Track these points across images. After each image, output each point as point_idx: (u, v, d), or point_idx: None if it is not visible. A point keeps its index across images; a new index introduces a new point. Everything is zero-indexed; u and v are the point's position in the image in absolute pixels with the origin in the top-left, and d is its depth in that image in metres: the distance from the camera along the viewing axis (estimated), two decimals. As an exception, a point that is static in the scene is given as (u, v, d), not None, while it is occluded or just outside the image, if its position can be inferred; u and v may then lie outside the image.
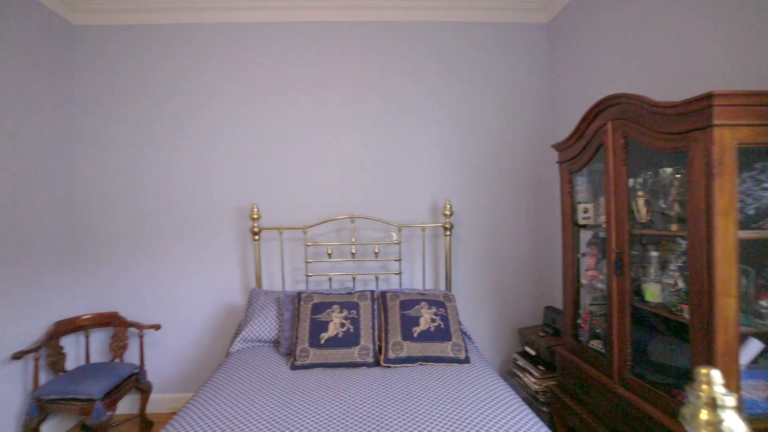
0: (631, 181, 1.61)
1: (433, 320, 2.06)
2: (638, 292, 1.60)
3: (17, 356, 2.14)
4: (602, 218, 1.82)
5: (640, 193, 1.58)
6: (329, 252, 2.57)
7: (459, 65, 2.75)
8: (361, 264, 2.70)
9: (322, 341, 1.96)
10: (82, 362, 2.63)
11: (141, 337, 2.59)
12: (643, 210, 1.57)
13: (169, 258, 2.73)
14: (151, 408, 2.70)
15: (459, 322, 2.15)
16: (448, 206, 2.56)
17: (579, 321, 1.99)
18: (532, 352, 2.40)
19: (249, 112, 2.72)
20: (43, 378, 2.36)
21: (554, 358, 2.17)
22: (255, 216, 2.55)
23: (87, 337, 2.57)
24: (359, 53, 2.72)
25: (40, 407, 2.15)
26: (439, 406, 1.56)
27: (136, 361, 2.69)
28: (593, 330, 1.92)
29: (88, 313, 2.63)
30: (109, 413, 2.18)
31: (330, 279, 2.58)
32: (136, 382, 2.47)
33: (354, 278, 2.59)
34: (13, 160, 2.25)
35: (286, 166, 2.73)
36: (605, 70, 2.23)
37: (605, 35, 2.21)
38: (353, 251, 2.58)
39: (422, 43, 2.74)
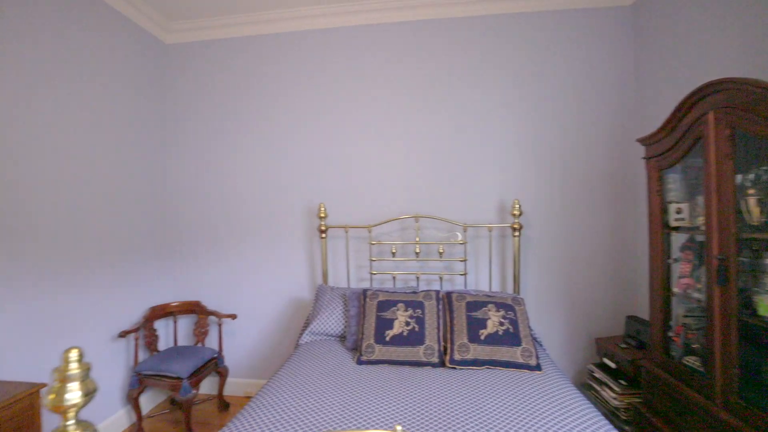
0: (738, 178, 1.41)
1: (501, 323, 1.99)
2: (748, 305, 1.40)
3: (122, 335, 2.44)
4: (700, 219, 1.63)
5: (751, 191, 1.38)
6: (393, 251, 2.59)
7: (529, 57, 2.63)
8: (425, 264, 2.69)
9: (388, 338, 1.98)
10: (171, 344, 2.93)
11: (220, 325, 2.81)
12: (755, 210, 1.37)
13: (244, 254, 2.94)
14: (227, 390, 2.92)
15: (529, 327, 2.04)
16: (517, 206, 2.45)
17: (670, 334, 1.79)
18: (612, 365, 2.21)
19: (317, 117, 2.83)
20: (141, 355, 2.67)
21: (638, 373, 1.98)
22: (322, 215, 2.65)
23: (175, 322, 2.85)
24: (424, 52, 2.71)
25: (139, 380, 2.43)
26: (509, 412, 1.49)
27: (215, 347, 2.93)
28: (688, 345, 1.71)
29: (176, 301, 2.91)
30: (194, 391, 2.39)
31: (394, 278, 2.59)
32: (215, 365, 2.68)
33: (418, 278, 2.58)
34: (117, 168, 2.56)
35: (352, 167, 2.80)
36: (702, 54, 1.98)
37: (702, 11, 1.97)
38: (417, 251, 2.57)
39: (488, 37, 2.65)
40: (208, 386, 2.97)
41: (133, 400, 2.44)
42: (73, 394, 0.84)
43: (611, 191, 2.58)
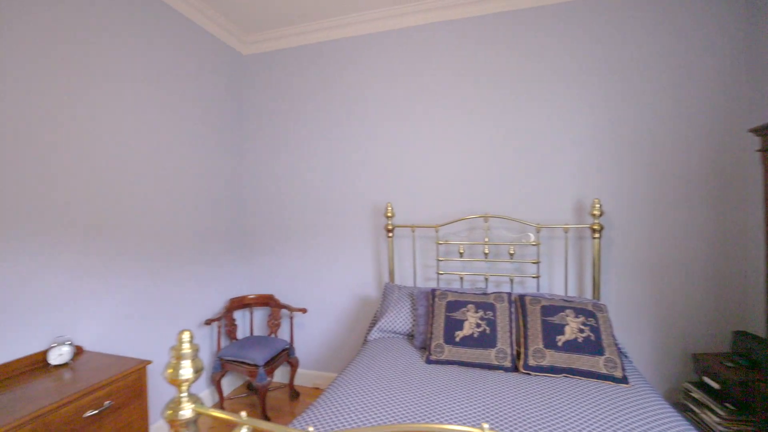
0: None
1: (581, 330, 1.85)
2: None
3: (207, 322, 2.67)
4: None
5: None
6: (461, 251, 2.53)
7: (612, 44, 2.42)
8: (494, 265, 2.59)
9: (457, 339, 1.94)
10: (248, 333, 3.14)
11: (291, 318, 2.96)
12: None
13: (314, 251, 3.07)
14: (297, 380, 3.07)
15: (613, 336, 1.88)
16: (597, 205, 2.27)
17: (794, 353, 1.54)
18: (715, 385, 1.95)
19: (385, 117, 2.87)
20: (223, 342, 2.90)
21: (751, 397, 1.72)
22: (389, 214, 2.68)
23: (251, 313, 3.05)
24: (492, 45, 2.63)
25: (222, 365, 2.63)
26: (592, 424, 1.38)
27: (287, 338, 3.09)
28: (819, 367, 1.46)
29: (252, 294, 3.12)
30: (269, 379, 2.54)
31: (461, 278, 2.54)
32: (287, 356, 2.82)
33: (486, 279, 2.50)
34: (200, 171, 2.81)
35: (420, 166, 2.79)
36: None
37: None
38: (486, 251, 2.49)
39: (562, 26, 2.49)
40: (279, 375, 3.14)
41: (216, 383, 2.65)
42: (186, 370, 0.93)
43: (712, 188, 2.28)
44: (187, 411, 0.94)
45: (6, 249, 1.67)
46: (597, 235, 2.29)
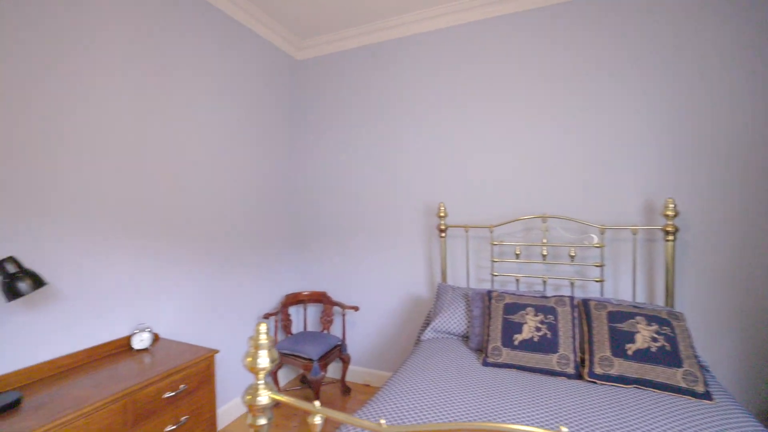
0: None
1: (654, 339, 1.72)
2: None
3: (266, 316, 2.80)
4: None
5: None
6: (517, 252, 2.46)
7: (686, 29, 2.23)
8: (552, 267, 2.49)
9: (516, 342, 1.88)
10: (301, 329, 3.26)
11: (343, 315, 3.02)
12: None
13: (366, 250, 3.11)
14: (348, 377, 3.12)
15: (692, 347, 1.73)
16: (672, 205, 2.10)
17: None
18: (815, 407, 1.73)
19: (437, 115, 2.85)
20: (279, 336, 3.02)
21: None
22: (442, 214, 2.66)
23: (305, 309, 3.16)
24: (551, 40, 2.52)
25: (278, 357, 2.75)
26: (674, 443, 1.28)
27: (339, 335, 3.16)
28: None
29: (306, 291, 3.23)
30: (323, 373, 2.61)
31: (517, 280, 2.46)
32: (340, 352, 2.89)
33: (545, 281, 2.40)
34: (256, 173, 2.95)
35: (473, 165, 2.74)
36: None
37: None
38: (544, 253, 2.40)
39: (631, 15, 2.34)
40: (331, 371, 3.22)
41: (272, 374, 2.77)
42: (263, 359, 0.98)
43: (811, 187, 2.03)
44: (264, 397, 0.99)
45: (99, 245, 1.86)
46: (671, 237, 2.12)
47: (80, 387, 1.54)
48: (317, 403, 0.94)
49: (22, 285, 1.42)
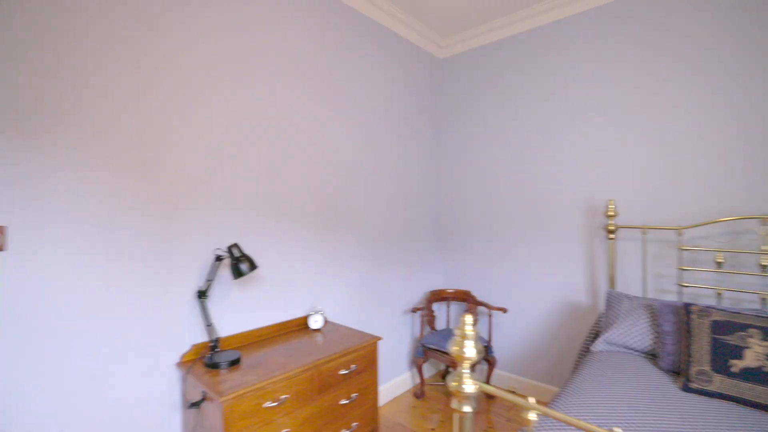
0: None
1: None
2: None
3: (414, 310, 2.89)
4: None
5: None
6: (719, 260, 2.01)
7: None
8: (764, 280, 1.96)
9: (734, 370, 1.53)
10: (444, 325, 3.26)
11: (489, 316, 2.92)
12: None
13: (514, 250, 2.95)
14: (492, 381, 3.01)
15: None
16: None
17: None
18: None
19: (599, 102, 2.52)
20: (424, 330, 3.08)
21: None
22: (611, 213, 2.35)
23: (448, 306, 3.15)
24: (729, 18, 1.98)
25: (424, 351, 2.80)
26: None
27: (485, 336, 3.07)
28: None
29: (450, 288, 3.23)
30: (471, 374, 2.56)
31: (719, 294, 2.01)
32: (485, 353, 2.80)
33: (764, 299, 1.90)
34: (404, 172, 3.03)
35: (647, 157, 2.34)
36: None
37: None
38: (763, 263, 1.90)
39: None
40: (476, 372, 3.14)
41: (417, 366, 2.84)
42: (469, 350, 0.98)
43: None
44: (470, 386, 0.99)
45: (282, 238, 2.17)
46: None
47: (278, 354, 1.81)
48: (532, 400, 0.90)
49: (243, 266, 1.73)
